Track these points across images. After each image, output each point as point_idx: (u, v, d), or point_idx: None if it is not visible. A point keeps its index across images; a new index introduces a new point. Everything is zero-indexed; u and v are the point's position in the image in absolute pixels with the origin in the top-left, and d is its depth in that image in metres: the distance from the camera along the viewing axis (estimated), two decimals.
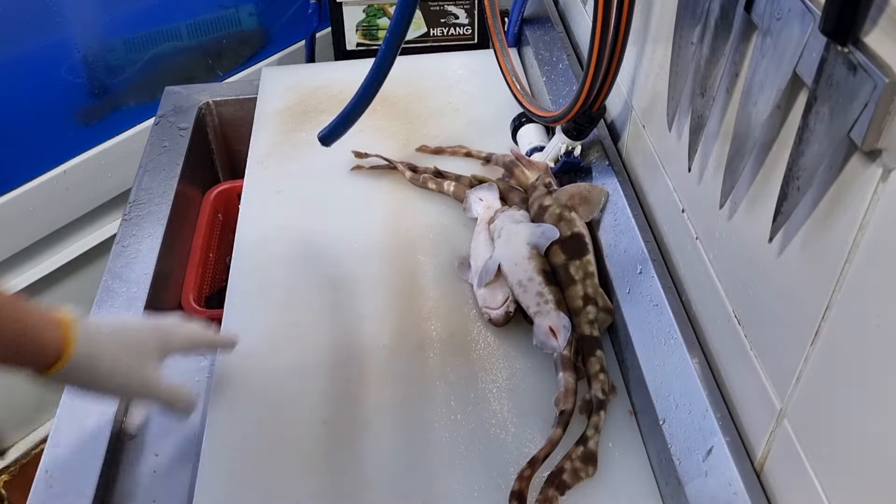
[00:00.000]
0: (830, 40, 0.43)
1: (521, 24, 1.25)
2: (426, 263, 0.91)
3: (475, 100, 1.17)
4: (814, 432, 0.53)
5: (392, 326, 0.84)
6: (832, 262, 0.49)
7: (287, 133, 1.11)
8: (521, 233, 0.84)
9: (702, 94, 0.62)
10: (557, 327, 0.77)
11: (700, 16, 0.60)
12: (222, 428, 0.75)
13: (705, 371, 0.67)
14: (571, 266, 0.80)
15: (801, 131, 0.47)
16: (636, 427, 0.74)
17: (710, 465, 0.62)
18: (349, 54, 1.47)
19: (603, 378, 0.74)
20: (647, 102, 0.83)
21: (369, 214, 0.98)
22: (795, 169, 0.48)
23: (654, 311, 0.74)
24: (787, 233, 0.54)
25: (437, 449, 0.73)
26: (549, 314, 0.78)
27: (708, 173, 0.67)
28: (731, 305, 0.64)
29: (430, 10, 1.43)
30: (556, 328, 0.77)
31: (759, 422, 0.60)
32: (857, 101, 0.42)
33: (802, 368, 0.53)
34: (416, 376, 0.79)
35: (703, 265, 0.69)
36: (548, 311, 0.78)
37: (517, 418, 0.75)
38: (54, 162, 1.37)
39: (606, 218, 0.86)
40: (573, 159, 0.93)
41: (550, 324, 0.77)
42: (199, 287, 1.01)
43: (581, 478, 0.69)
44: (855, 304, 0.47)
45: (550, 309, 0.78)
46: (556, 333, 0.77)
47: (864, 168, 0.45)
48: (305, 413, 0.76)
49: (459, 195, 0.97)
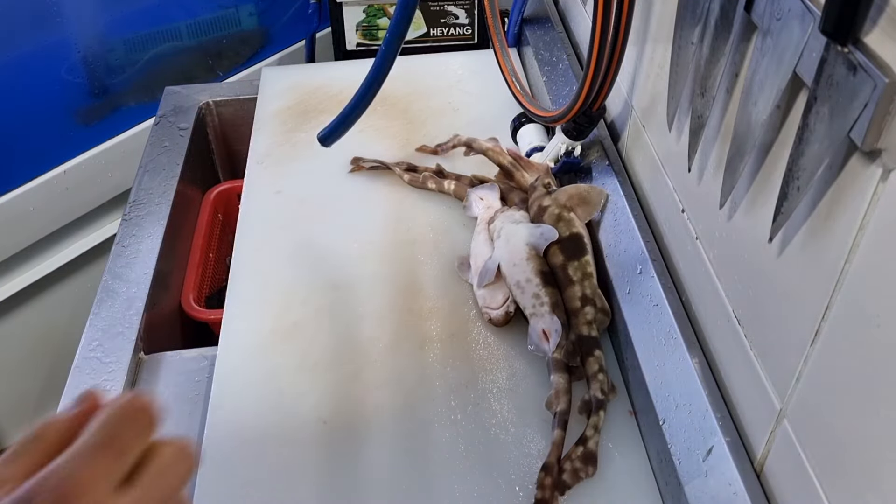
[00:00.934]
0: (830, 40, 0.43)
1: (521, 24, 1.25)
2: (426, 263, 0.91)
3: (475, 100, 1.17)
4: (814, 432, 0.53)
5: (392, 326, 0.84)
6: (832, 262, 0.49)
7: (287, 133, 1.11)
8: (520, 233, 0.84)
9: (702, 94, 0.62)
10: (549, 331, 0.77)
11: (700, 16, 0.60)
12: (222, 428, 0.75)
13: (705, 371, 0.67)
14: (570, 267, 0.80)
15: (801, 131, 0.47)
16: (636, 427, 0.74)
17: (709, 465, 0.62)
18: (349, 54, 1.47)
19: (602, 378, 0.74)
20: (647, 102, 0.83)
21: (369, 214, 0.98)
22: (795, 169, 0.48)
23: (654, 311, 0.74)
24: (787, 233, 0.54)
25: (437, 449, 0.73)
26: (542, 317, 0.78)
27: (708, 173, 0.67)
28: (731, 305, 0.64)
29: (429, 10, 1.43)
30: (548, 332, 0.77)
31: (759, 422, 0.60)
32: (856, 101, 0.42)
33: (802, 368, 0.53)
34: (416, 376, 0.79)
35: (703, 265, 0.69)
36: (542, 313, 0.78)
37: (517, 418, 0.75)
38: (54, 162, 1.37)
39: (606, 218, 0.86)
40: (573, 159, 0.93)
41: (544, 327, 0.77)
42: (199, 287, 1.01)
43: (581, 478, 0.69)
44: (855, 304, 0.47)
45: (545, 312, 0.78)
46: (548, 337, 0.77)
47: (864, 168, 0.45)
48: (305, 413, 0.76)
49: (460, 194, 0.97)
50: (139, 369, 0.83)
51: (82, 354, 0.82)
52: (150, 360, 0.85)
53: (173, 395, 0.81)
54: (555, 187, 0.92)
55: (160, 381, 0.83)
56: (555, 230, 0.82)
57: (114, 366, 0.81)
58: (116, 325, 0.85)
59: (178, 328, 0.98)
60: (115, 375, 0.80)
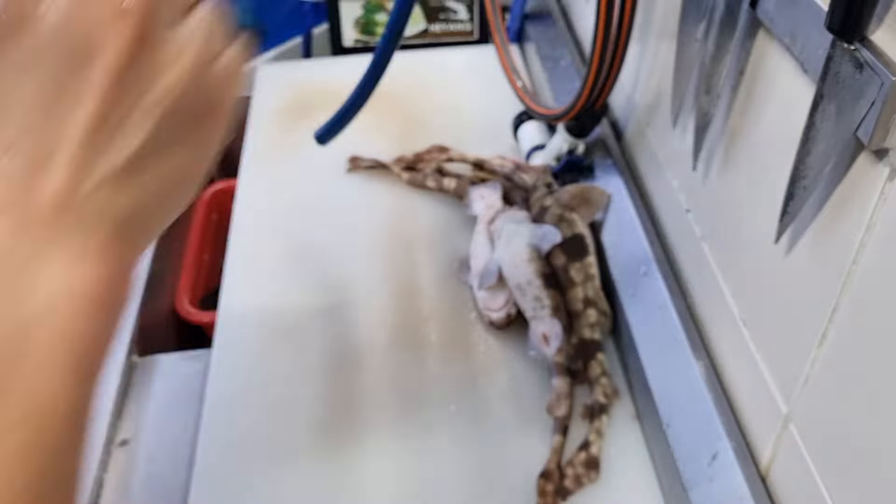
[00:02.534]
0: (836, 37, 0.43)
1: (523, 20, 1.24)
2: (426, 263, 0.90)
3: (475, 97, 1.16)
4: (821, 437, 0.52)
5: (391, 327, 0.83)
6: (839, 263, 0.48)
7: (283, 131, 1.11)
8: (522, 234, 0.82)
9: (707, 92, 0.61)
10: (550, 335, 0.76)
11: (704, 12, 0.60)
12: (217, 430, 0.74)
13: (710, 374, 0.66)
14: (572, 268, 0.79)
15: (808, 129, 0.46)
16: (640, 431, 0.73)
17: (714, 470, 0.62)
18: (346, 51, 1.46)
19: (605, 382, 0.74)
20: (650, 100, 0.83)
21: (367, 213, 0.97)
22: (802, 168, 0.47)
23: (658, 313, 0.73)
24: (794, 233, 0.53)
25: (436, 453, 0.72)
26: (543, 320, 0.77)
27: (713, 172, 0.66)
28: (736, 307, 0.63)
29: (429, 5, 1.42)
30: (548, 335, 0.76)
31: (764, 426, 0.59)
32: (863, 100, 0.41)
33: (809, 372, 0.52)
34: (414, 378, 0.78)
35: (709, 266, 0.68)
36: (542, 316, 0.77)
37: (517, 422, 0.74)
38: None
39: (610, 218, 0.85)
40: (575, 158, 0.92)
41: (544, 330, 0.76)
42: (193, 288, 1.00)
43: (583, 483, 0.68)
44: (862, 306, 0.46)
45: (545, 315, 0.77)
46: (549, 341, 0.76)
47: (872, 167, 0.44)
48: (302, 415, 0.75)
49: (461, 192, 0.96)
50: (132, 372, 0.83)
51: None
52: (143, 363, 0.84)
53: (167, 398, 0.80)
54: (556, 187, 0.91)
55: (154, 384, 0.82)
56: (557, 231, 0.81)
57: (106, 368, 0.79)
58: None
59: (172, 330, 0.97)
60: (107, 378, 0.79)
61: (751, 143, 0.59)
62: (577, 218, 0.83)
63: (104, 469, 0.74)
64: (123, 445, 0.76)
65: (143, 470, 0.75)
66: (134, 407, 0.80)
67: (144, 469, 0.75)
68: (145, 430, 0.78)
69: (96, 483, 0.72)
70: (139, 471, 0.75)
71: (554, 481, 0.67)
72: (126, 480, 0.74)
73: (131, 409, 0.80)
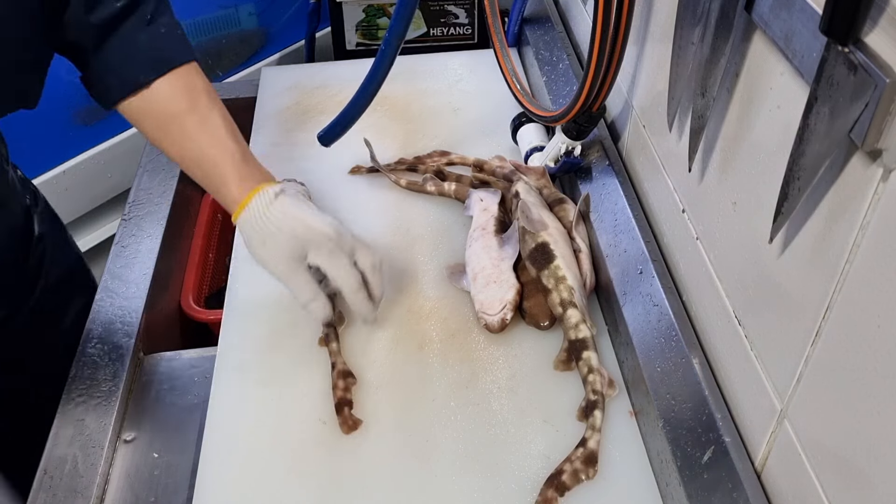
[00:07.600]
0: (831, 40, 0.43)
1: (522, 24, 1.25)
2: (426, 263, 0.91)
3: (475, 99, 1.17)
4: (814, 433, 0.52)
5: (392, 326, 0.84)
6: (833, 263, 0.49)
7: (287, 133, 1.11)
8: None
9: (702, 95, 0.62)
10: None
11: (700, 16, 0.60)
12: (222, 428, 0.75)
13: (706, 372, 0.67)
14: (542, 276, 0.81)
15: (802, 131, 0.47)
16: (636, 428, 0.74)
17: (710, 466, 0.62)
18: (349, 54, 1.47)
19: (593, 379, 0.74)
20: (647, 102, 0.83)
21: (369, 214, 0.97)
22: (796, 169, 0.48)
23: (654, 311, 0.74)
24: (788, 233, 0.54)
25: (437, 449, 0.73)
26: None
27: (709, 173, 0.67)
28: (731, 306, 0.64)
29: (429, 9, 1.43)
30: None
31: (759, 422, 0.60)
32: (857, 102, 0.42)
33: (803, 369, 0.53)
34: (415, 376, 0.79)
35: (704, 265, 0.69)
36: None
37: (517, 419, 0.75)
38: (54, 162, 1.37)
39: (607, 218, 0.86)
40: (573, 159, 0.93)
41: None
42: (198, 287, 1.01)
43: (581, 479, 0.69)
44: (855, 305, 0.47)
45: None
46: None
47: (865, 168, 0.45)
48: (305, 413, 0.76)
49: (461, 195, 0.97)
50: (139, 370, 0.83)
51: (82, 354, 0.82)
52: (149, 361, 0.85)
53: (173, 396, 0.81)
54: (553, 189, 0.92)
55: (160, 382, 0.83)
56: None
57: (113, 366, 0.80)
58: (116, 325, 0.85)
59: (178, 328, 0.97)
60: (114, 376, 0.80)
61: (746, 145, 0.60)
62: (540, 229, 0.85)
63: (110, 465, 0.74)
64: (130, 442, 0.77)
65: (150, 465, 0.75)
66: (140, 404, 0.81)
67: (151, 464, 0.75)
68: (151, 427, 0.79)
69: (103, 479, 0.72)
70: (145, 467, 0.75)
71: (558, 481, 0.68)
72: (132, 476, 0.74)
73: (137, 406, 0.80)
